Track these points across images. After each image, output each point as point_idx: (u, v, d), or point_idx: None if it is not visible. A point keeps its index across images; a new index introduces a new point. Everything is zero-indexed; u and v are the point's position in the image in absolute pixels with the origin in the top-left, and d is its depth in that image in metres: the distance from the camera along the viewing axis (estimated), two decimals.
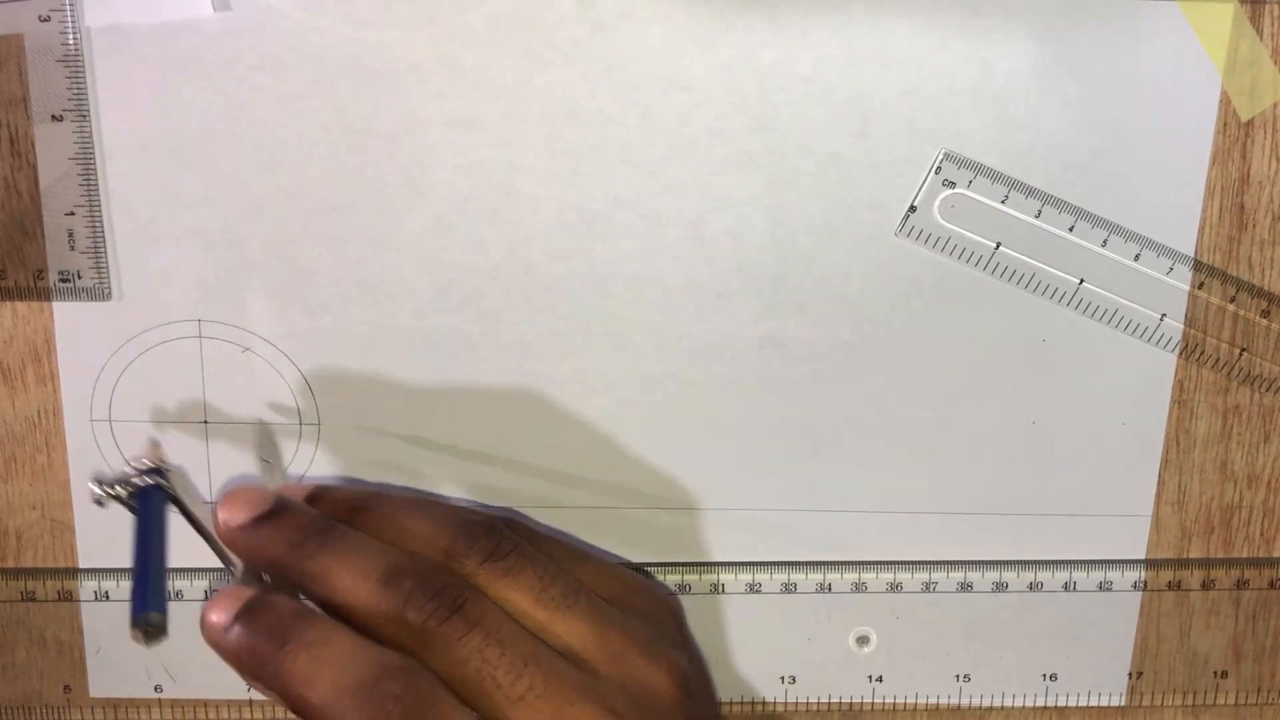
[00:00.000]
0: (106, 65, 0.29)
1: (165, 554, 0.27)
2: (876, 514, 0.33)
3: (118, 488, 0.28)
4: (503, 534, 0.27)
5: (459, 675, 0.25)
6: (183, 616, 0.33)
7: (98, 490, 0.28)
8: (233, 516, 0.27)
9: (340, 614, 0.25)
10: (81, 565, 0.33)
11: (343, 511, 0.28)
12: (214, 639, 0.25)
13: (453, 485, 0.33)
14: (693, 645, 0.32)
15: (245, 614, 0.25)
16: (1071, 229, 0.31)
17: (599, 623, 0.27)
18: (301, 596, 0.26)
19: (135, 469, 0.28)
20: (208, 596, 0.33)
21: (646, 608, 0.29)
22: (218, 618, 0.25)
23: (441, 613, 0.25)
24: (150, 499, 0.28)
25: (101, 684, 0.34)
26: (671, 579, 0.33)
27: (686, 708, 0.27)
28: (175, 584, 0.33)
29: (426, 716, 0.24)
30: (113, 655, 0.34)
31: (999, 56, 0.30)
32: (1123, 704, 0.35)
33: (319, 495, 0.29)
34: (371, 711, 0.23)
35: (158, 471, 0.28)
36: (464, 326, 0.31)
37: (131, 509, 0.28)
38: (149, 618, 0.25)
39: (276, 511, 0.27)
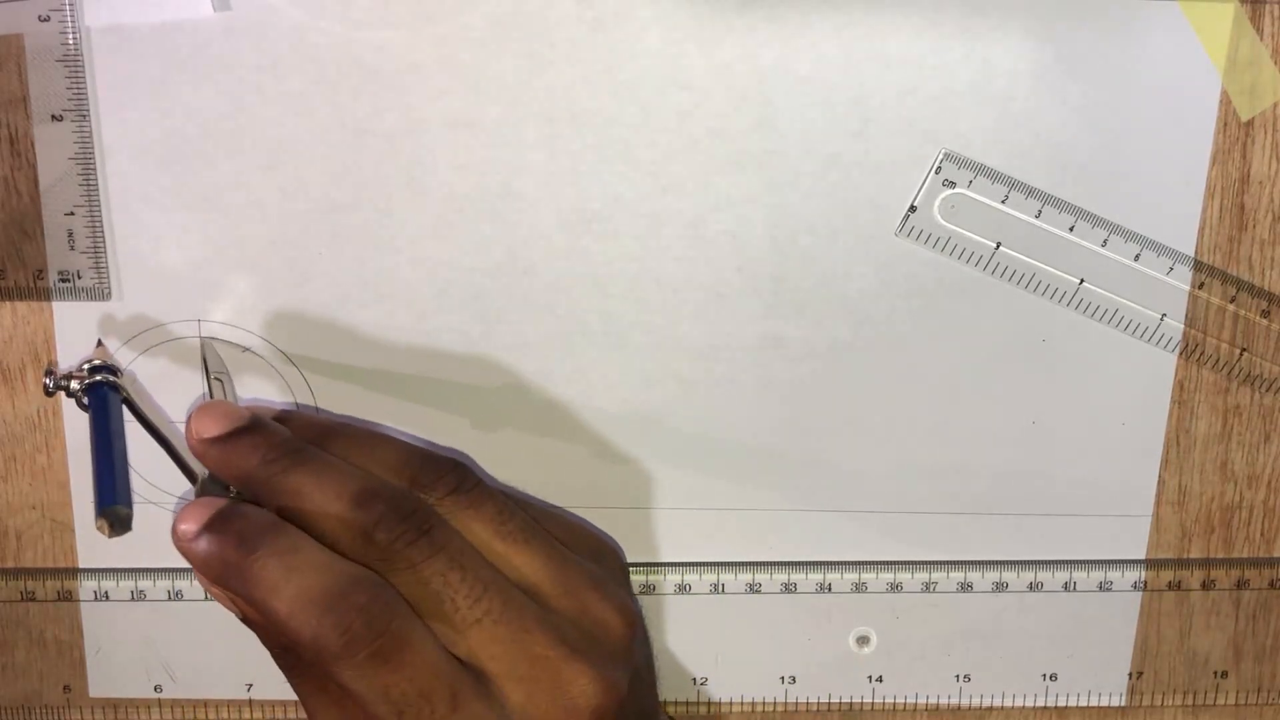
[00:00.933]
0: (106, 65, 0.29)
1: (125, 449, 0.26)
2: (876, 514, 0.33)
3: (69, 382, 0.28)
4: (466, 469, 0.28)
5: (421, 596, 0.25)
6: (183, 616, 0.33)
7: (49, 382, 0.28)
8: (206, 429, 0.27)
9: (310, 532, 0.26)
10: (81, 565, 0.33)
11: (310, 435, 0.28)
12: (184, 547, 0.25)
13: None
14: (634, 595, 0.33)
15: (216, 520, 0.25)
16: (1071, 229, 0.31)
17: (555, 558, 0.28)
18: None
19: (87, 365, 0.28)
20: (208, 597, 0.33)
21: (595, 551, 0.30)
22: (188, 525, 0.25)
23: (409, 535, 0.25)
24: (102, 396, 0.28)
25: (101, 684, 0.34)
26: (672, 579, 0.33)
27: (633, 649, 0.28)
28: (175, 584, 0.33)
29: (389, 629, 0.24)
30: (113, 655, 0.34)
31: (999, 56, 0.30)
32: (1123, 704, 0.35)
33: (286, 418, 0.29)
34: (335, 620, 0.24)
35: (109, 370, 0.28)
36: (464, 326, 0.31)
37: (84, 407, 0.28)
38: (115, 510, 0.24)
39: (251, 427, 0.27)
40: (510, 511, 0.28)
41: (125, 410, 0.28)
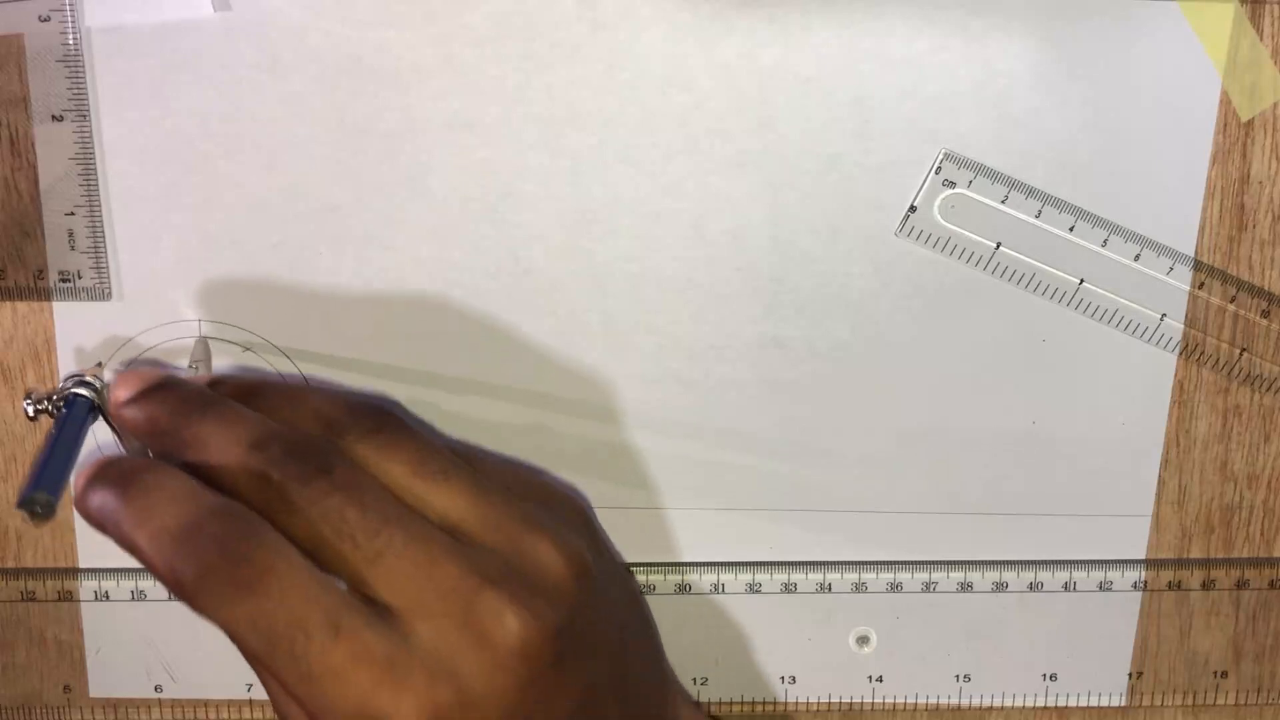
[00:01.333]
0: (106, 65, 0.29)
1: (77, 449, 0.26)
2: (876, 514, 0.33)
3: (47, 402, 0.28)
4: (387, 411, 0.27)
5: (317, 536, 0.24)
6: (183, 616, 0.33)
7: (29, 407, 0.28)
8: (122, 392, 0.27)
9: (213, 481, 0.25)
10: (81, 565, 0.33)
11: (238, 394, 0.27)
12: (77, 506, 0.25)
13: None
14: (608, 553, 0.31)
15: (97, 472, 0.25)
16: (1071, 229, 0.31)
17: (480, 493, 0.26)
18: None
19: (68, 383, 0.28)
20: None
21: (546, 498, 0.29)
22: (77, 484, 0.25)
23: (305, 474, 0.24)
24: (75, 405, 0.28)
25: (101, 684, 0.34)
26: (672, 579, 0.33)
27: (579, 591, 0.26)
28: None
29: (249, 557, 0.23)
30: (113, 655, 0.34)
31: (999, 57, 0.30)
32: (1123, 704, 0.35)
33: (218, 382, 0.28)
34: (190, 551, 0.23)
35: (87, 384, 0.28)
36: (464, 326, 0.31)
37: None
38: (36, 497, 0.24)
39: (161, 385, 0.27)
40: (433, 451, 0.26)
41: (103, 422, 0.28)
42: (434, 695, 0.23)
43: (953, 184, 0.31)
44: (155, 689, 0.34)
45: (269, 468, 0.25)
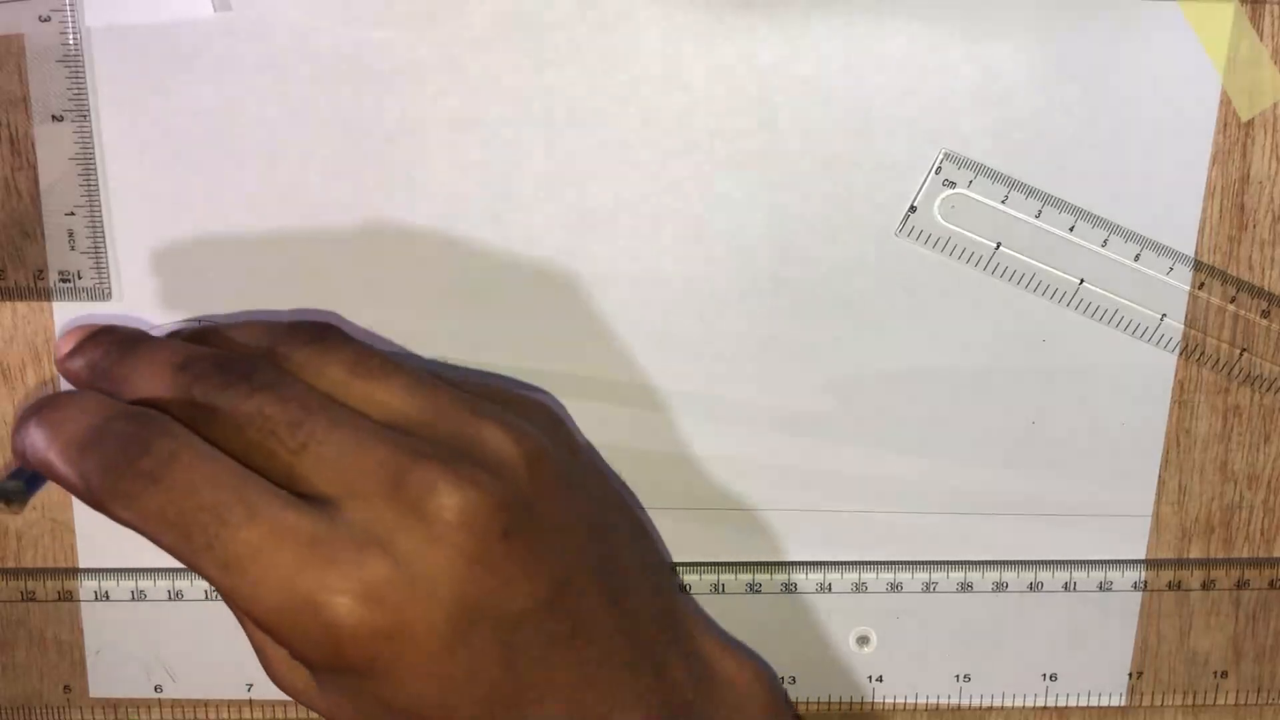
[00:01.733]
0: (106, 65, 0.29)
1: None
2: (876, 514, 0.33)
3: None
4: (323, 324, 0.26)
5: (243, 439, 0.24)
6: (183, 616, 0.33)
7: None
8: (63, 346, 0.27)
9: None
10: (81, 565, 0.33)
11: (194, 340, 0.27)
12: (11, 447, 0.25)
13: None
14: (586, 456, 0.29)
15: (30, 409, 0.25)
16: (1071, 229, 0.31)
17: (421, 386, 0.25)
18: None
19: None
20: (208, 596, 0.33)
21: (508, 400, 0.28)
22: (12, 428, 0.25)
23: (225, 382, 0.24)
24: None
25: (101, 684, 0.34)
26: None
27: (531, 473, 0.25)
28: (175, 584, 0.33)
29: (151, 448, 0.23)
30: (113, 655, 0.34)
31: (999, 57, 0.30)
32: (1123, 704, 0.35)
33: (173, 334, 0.28)
34: (94, 452, 0.23)
35: None
36: (464, 326, 0.31)
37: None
38: (6, 485, 0.24)
39: (99, 331, 0.27)
40: (369, 353, 0.26)
41: None
42: (366, 570, 0.22)
43: (953, 184, 0.31)
44: (155, 689, 0.34)
45: (191, 384, 0.24)
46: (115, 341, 0.26)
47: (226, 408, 0.24)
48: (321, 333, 0.26)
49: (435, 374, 0.27)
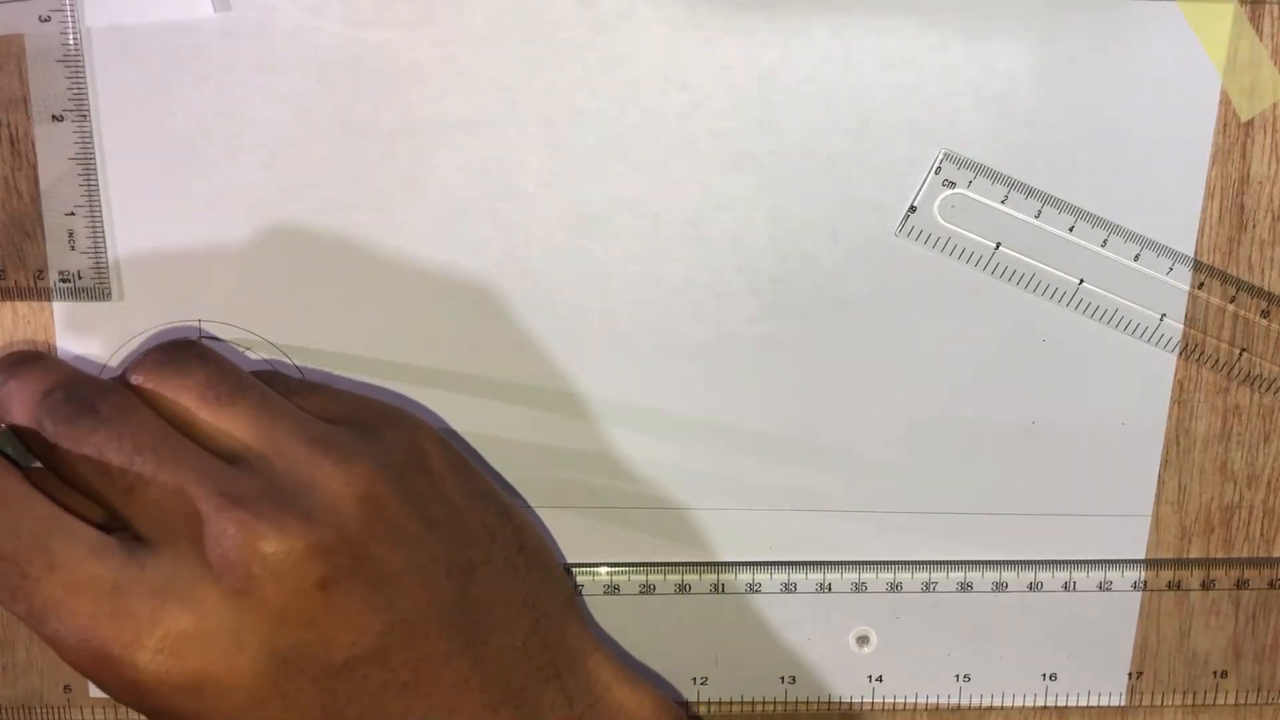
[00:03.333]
0: (106, 65, 0.29)
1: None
2: (876, 514, 0.33)
3: None
4: (181, 344, 0.26)
5: (79, 475, 0.23)
6: None
7: None
8: None
9: (23, 438, 0.24)
10: None
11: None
12: None
13: None
14: (461, 480, 0.27)
15: None
16: (1071, 229, 0.31)
17: (266, 415, 0.24)
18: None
19: None
20: None
21: (373, 423, 0.26)
22: None
23: (71, 415, 0.24)
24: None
25: None
26: (671, 579, 0.33)
27: (363, 512, 0.24)
28: None
29: None
30: None
31: (999, 56, 0.30)
32: (1123, 704, 0.35)
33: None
34: None
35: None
36: (464, 326, 0.31)
37: None
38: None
39: (8, 355, 0.26)
40: (221, 376, 0.25)
41: None
42: (165, 624, 0.22)
43: (953, 184, 0.31)
44: None
45: (46, 416, 0.24)
46: (6, 365, 0.26)
47: (69, 443, 0.24)
48: (173, 355, 0.25)
49: (303, 389, 0.26)
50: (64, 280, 0.31)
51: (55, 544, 0.23)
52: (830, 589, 0.34)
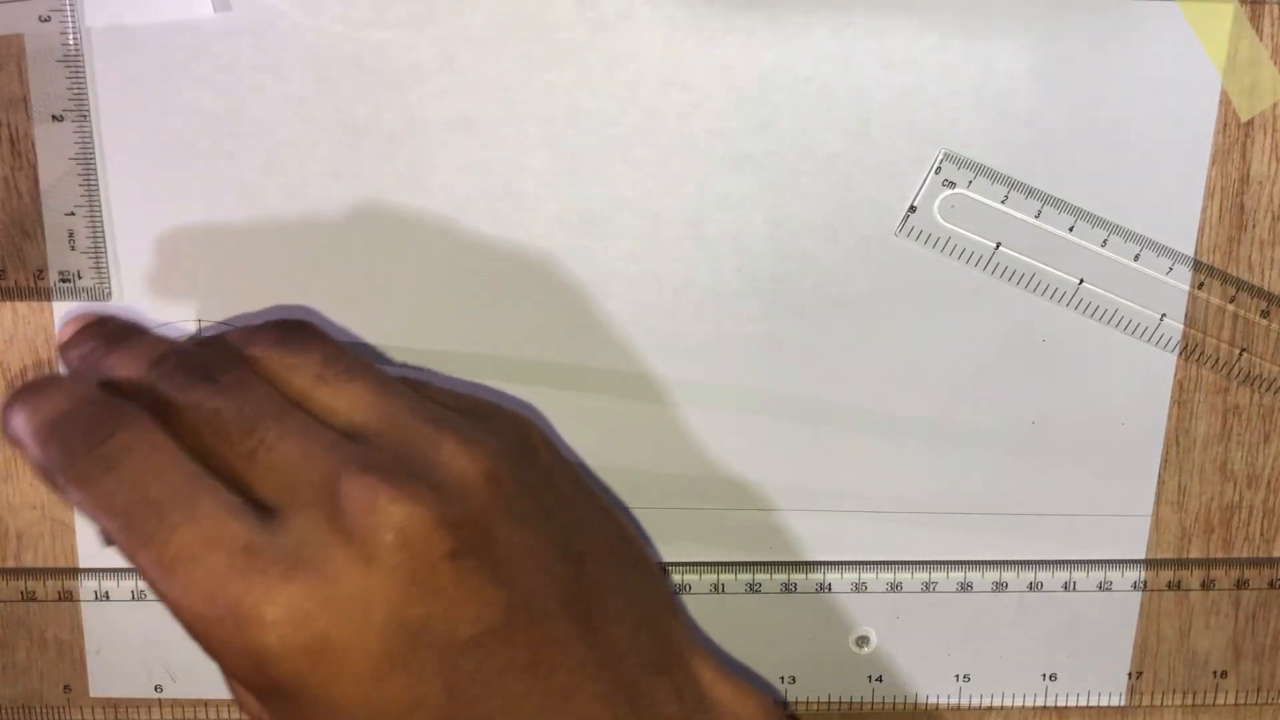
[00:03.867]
0: (106, 65, 0.29)
1: None
2: (876, 514, 0.33)
3: None
4: (294, 322, 0.26)
5: (200, 440, 0.24)
6: None
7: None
8: (61, 335, 0.28)
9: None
10: (81, 565, 0.33)
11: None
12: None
13: None
14: (566, 475, 0.28)
15: (9, 396, 0.25)
16: (1071, 229, 0.31)
17: (385, 393, 0.25)
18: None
19: None
20: None
21: (481, 413, 0.27)
22: None
23: (189, 382, 0.24)
24: None
25: (101, 684, 0.34)
26: (672, 579, 0.33)
27: (488, 492, 0.24)
28: None
29: (113, 437, 0.23)
30: (113, 655, 0.34)
31: (999, 56, 0.30)
32: (1123, 704, 0.35)
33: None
34: (59, 436, 0.23)
35: None
36: (464, 326, 0.31)
37: None
38: None
39: (95, 322, 0.28)
40: (338, 355, 0.25)
41: None
42: (295, 586, 0.22)
43: (953, 184, 0.31)
44: (155, 689, 0.34)
45: (159, 381, 0.24)
46: (105, 333, 0.27)
47: (188, 407, 0.24)
48: (291, 333, 0.26)
49: (406, 382, 0.26)
50: (64, 280, 0.31)
51: (196, 495, 0.23)
52: (830, 589, 0.34)
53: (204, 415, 0.24)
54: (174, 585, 0.22)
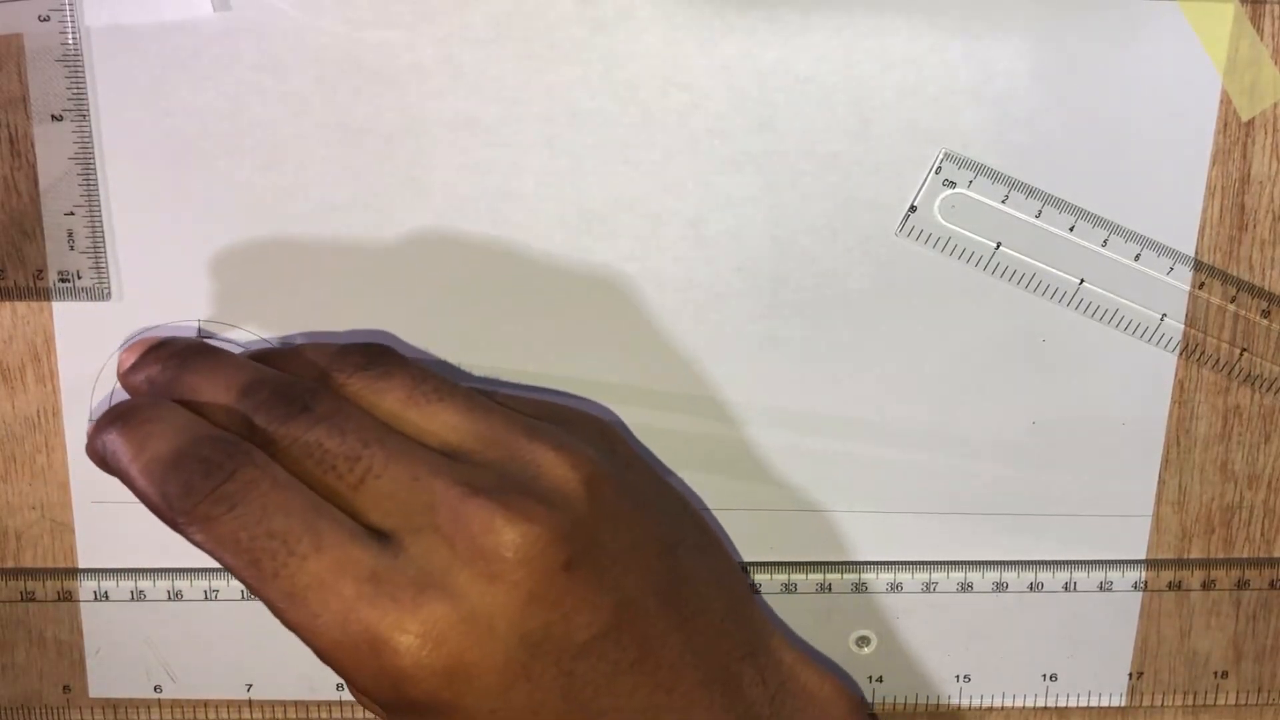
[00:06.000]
0: (106, 65, 0.29)
1: None
2: (876, 514, 0.33)
3: None
4: (377, 347, 0.26)
5: (303, 472, 0.24)
6: (183, 616, 0.33)
7: None
8: (125, 360, 0.28)
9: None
10: (81, 565, 0.33)
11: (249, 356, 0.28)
12: (87, 450, 0.26)
13: None
14: (646, 471, 0.29)
15: (106, 414, 0.25)
16: (1071, 229, 0.31)
17: (475, 410, 0.25)
18: None
19: None
20: (208, 597, 0.33)
21: (563, 418, 0.27)
22: (90, 430, 0.26)
23: (287, 413, 0.24)
24: None
25: (101, 684, 0.34)
26: None
27: (590, 498, 0.24)
28: (175, 584, 0.33)
29: (234, 475, 0.23)
30: (113, 655, 0.34)
31: (999, 56, 0.30)
32: (1123, 704, 0.35)
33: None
34: (178, 475, 0.23)
35: None
36: (464, 326, 0.31)
37: None
38: None
39: (159, 344, 0.28)
40: (425, 377, 0.26)
41: None
42: (426, 610, 0.22)
43: (953, 184, 0.31)
44: (155, 689, 0.34)
45: (253, 412, 0.25)
46: (172, 355, 0.27)
47: (287, 438, 0.24)
48: (375, 357, 0.26)
49: (489, 395, 0.27)
50: (63, 280, 0.31)
51: (319, 525, 0.23)
52: (830, 589, 0.34)
53: (304, 446, 0.24)
54: (306, 615, 0.23)
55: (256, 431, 0.24)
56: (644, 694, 0.25)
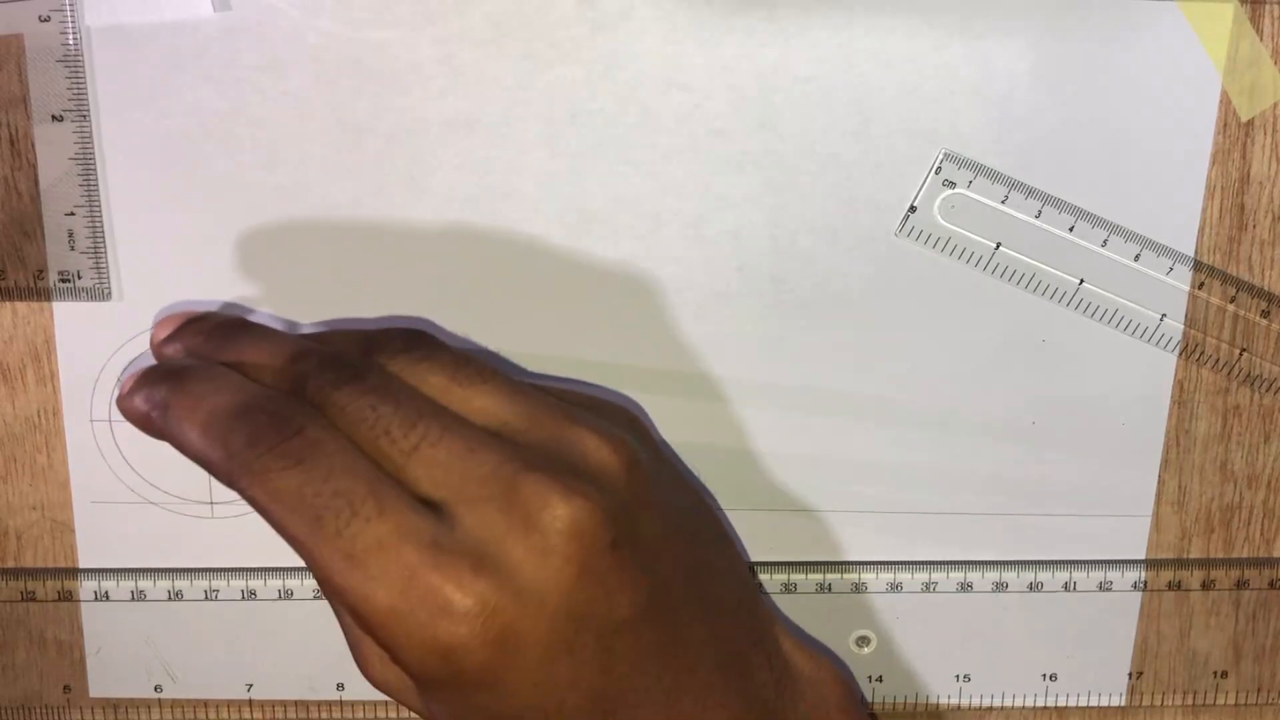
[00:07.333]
0: (106, 65, 0.29)
1: None
2: (876, 514, 0.33)
3: None
4: (418, 331, 0.27)
5: (356, 436, 0.24)
6: (183, 616, 0.33)
7: None
8: (161, 332, 0.28)
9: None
10: (81, 565, 0.33)
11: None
12: (121, 405, 0.26)
13: None
14: (668, 461, 0.30)
15: (148, 373, 0.25)
16: (1071, 229, 0.31)
17: (518, 392, 0.25)
18: None
19: None
20: (208, 596, 0.33)
21: (593, 405, 0.28)
22: (125, 385, 0.25)
23: (339, 379, 0.24)
24: None
25: (101, 684, 0.34)
26: None
27: (630, 480, 0.25)
28: (175, 584, 0.33)
29: (300, 431, 0.23)
30: (113, 655, 0.34)
31: (999, 56, 0.30)
32: (1123, 704, 0.35)
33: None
34: (243, 427, 0.23)
35: None
36: (464, 326, 0.31)
37: None
38: None
39: (198, 317, 0.28)
40: (467, 358, 0.26)
41: None
42: (481, 580, 0.22)
43: (953, 184, 0.31)
44: (155, 689, 0.34)
45: (304, 378, 0.25)
46: (214, 328, 0.27)
47: (339, 403, 0.24)
48: (418, 339, 0.26)
49: (527, 381, 0.27)
50: (64, 280, 0.31)
51: (381, 490, 0.23)
52: (830, 589, 0.34)
53: (358, 412, 0.24)
54: (363, 578, 0.22)
55: (308, 397, 0.24)
56: (670, 675, 0.25)
